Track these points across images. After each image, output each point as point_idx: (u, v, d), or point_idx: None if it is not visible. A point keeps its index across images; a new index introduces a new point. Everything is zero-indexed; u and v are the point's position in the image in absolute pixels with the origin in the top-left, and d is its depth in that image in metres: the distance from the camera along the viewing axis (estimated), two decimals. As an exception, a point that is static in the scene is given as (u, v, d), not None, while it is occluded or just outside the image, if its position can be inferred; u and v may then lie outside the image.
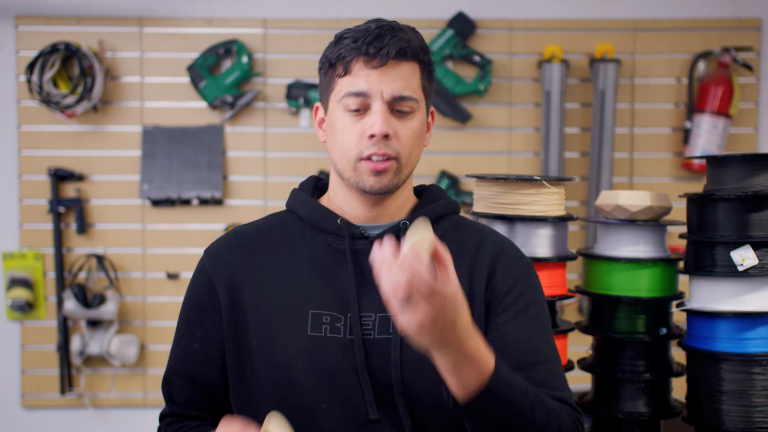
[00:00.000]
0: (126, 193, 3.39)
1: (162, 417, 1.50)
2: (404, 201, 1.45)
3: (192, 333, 1.45)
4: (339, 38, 1.39)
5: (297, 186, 1.54)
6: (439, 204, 1.47)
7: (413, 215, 1.42)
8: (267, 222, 1.51)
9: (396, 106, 1.37)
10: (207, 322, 1.43)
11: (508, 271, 1.43)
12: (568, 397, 1.39)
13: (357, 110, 1.37)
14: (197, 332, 1.44)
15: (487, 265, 1.42)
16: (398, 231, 1.41)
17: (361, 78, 1.36)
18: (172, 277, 3.38)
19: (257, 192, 3.39)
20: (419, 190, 1.52)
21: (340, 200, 1.45)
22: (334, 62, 1.38)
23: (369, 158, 1.36)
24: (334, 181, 1.46)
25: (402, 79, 1.36)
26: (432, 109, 1.47)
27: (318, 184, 1.54)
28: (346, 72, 1.37)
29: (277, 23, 3.38)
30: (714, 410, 1.80)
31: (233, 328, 1.41)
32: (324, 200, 1.49)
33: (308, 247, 1.43)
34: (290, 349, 1.36)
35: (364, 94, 1.36)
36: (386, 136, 1.35)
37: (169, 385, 1.48)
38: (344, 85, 1.37)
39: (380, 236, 1.40)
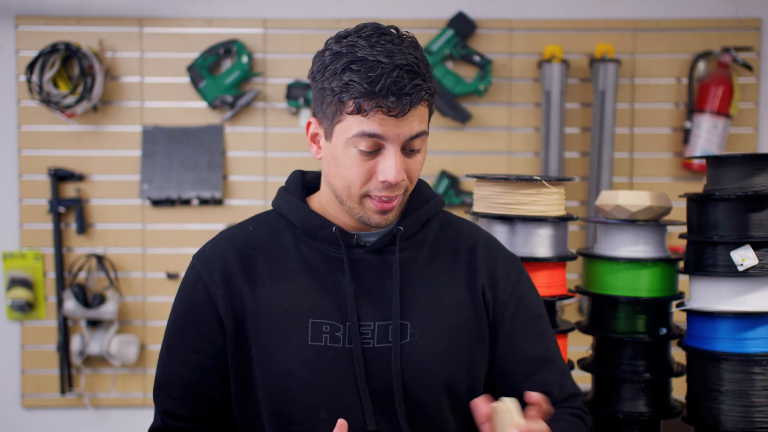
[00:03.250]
0: (126, 193, 3.39)
1: (154, 431, 1.42)
2: None
3: (189, 344, 1.40)
4: (346, 68, 1.28)
5: (284, 184, 1.49)
6: (430, 206, 1.47)
7: (405, 221, 1.42)
8: (256, 226, 1.46)
9: (409, 146, 1.33)
10: (206, 333, 1.39)
11: (505, 278, 1.48)
12: (578, 390, 1.51)
13: (368, 150, 1.31)
14: (195, 343, 1.39)
15: (486, 273, 1.46)
16: (392, 238, 1.41)
17: (376, 123, 1.28)
18: (172, 277, 3.38)
19: (257, 192, 3.39)
20: None
21: (332, 209, 1.41)
22: (344, 100, 1.29)
23: (376, 197, 1.33)
24: (326, 194, 1.42)
25: (417, 118, 1.31)
26: None
27: (304, 181, 1.50)
28: (359, 112, 1.28)
29: (277, 23, 3.38)
30: (714, 410, 1.80)
31: (235, 337, 1.38)
32: (314, 202, 1.45)
33: (302, 254, 1.40)
34: (291, 359, 1.34)
35: (379, 137, 1.29)
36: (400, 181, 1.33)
37: (164, 397, 1.42)
38: (355, 123, 1.29)
39: (376, 244, 1.40)
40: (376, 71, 1.26)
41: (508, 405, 1.19)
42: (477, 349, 1.44)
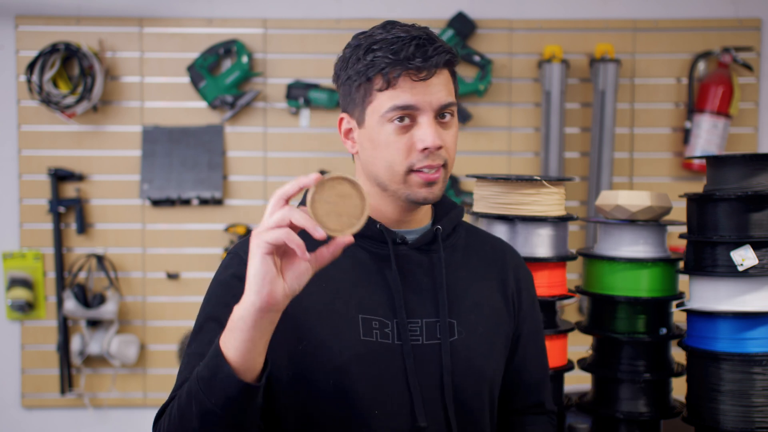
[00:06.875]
0: (126, 193, 3.39)
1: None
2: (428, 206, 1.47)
3: None
4: (368, 50, 1.34)
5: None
6: (456, 212, 1.50)
7: (441, 221, 1.45)
8: None
9: (440, 114, 1.36)
10: None
11: (528, 290, 1.54)
12: (552, 406, 1.61)
13: (402, 123, 1.34)
14: None
15: (514, 281, 1.52)
16: (433, 237, 1.43)
17: (406, 91, 1.32)
18: (172, 277, 3.38)
19: (257, 192, 3.39)
20: None
21: (372, 206, 1.41)
22: (371, 76, 1.33)
23: (420, 170, 1.35)
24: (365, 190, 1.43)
25: (444, 86, 1.35)
26: None
27: None
28: (389, 86, 1.33)
29: (277, 23, 3.38)
30: (714, 410, 1.80)
31: (281, 330, 1.33)
32: None
33: (345, 251, 1.37)
34: (345, 354, 1.34)
35: (412, 107, 1.33)
36: (438, 147, 1.35)
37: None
38: (386, 98, 1.33)
39: (419, 240, 1.42)
40: (396, 44, 1.32)
41: None
42: (504, 353, 1.48)
